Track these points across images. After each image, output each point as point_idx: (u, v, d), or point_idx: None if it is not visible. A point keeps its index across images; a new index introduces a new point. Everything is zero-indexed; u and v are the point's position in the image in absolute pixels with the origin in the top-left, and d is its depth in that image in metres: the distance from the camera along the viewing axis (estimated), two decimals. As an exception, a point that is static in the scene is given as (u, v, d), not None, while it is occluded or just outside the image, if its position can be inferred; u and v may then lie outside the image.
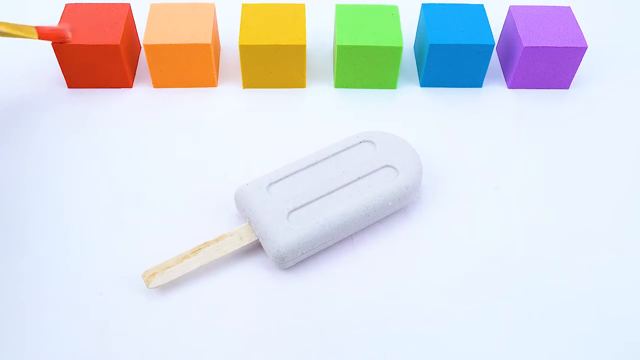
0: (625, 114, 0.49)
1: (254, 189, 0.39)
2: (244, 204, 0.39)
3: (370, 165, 0.40)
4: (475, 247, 0.41)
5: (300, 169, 0.40)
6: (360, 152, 0.41)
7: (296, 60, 0.48)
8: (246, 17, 0.48)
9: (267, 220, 0.38)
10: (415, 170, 0.41)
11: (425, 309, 0.38)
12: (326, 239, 0.38)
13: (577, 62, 0.49)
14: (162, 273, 0.37)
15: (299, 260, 0.38)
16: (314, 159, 0.41)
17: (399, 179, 0.40)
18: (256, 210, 0.38)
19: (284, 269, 0.39)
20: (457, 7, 0.50)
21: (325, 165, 0.41)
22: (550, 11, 0.50)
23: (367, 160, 0.41)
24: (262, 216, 0.38)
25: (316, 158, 0.41)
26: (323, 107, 0.49)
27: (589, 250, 0.41)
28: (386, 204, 0.39)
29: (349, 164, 0.41)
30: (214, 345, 0.36)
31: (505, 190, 0.44)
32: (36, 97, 0.48)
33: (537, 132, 0.48)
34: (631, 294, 0.39)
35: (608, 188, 0.44)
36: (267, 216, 0.38)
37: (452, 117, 0.48)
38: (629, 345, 0.37)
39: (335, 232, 0.38)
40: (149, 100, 0.49)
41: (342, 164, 0.41)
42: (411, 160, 0.41)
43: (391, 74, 0.49)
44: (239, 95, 0.49)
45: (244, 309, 0.37)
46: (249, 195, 0.39)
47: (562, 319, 0.38)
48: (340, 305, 0.38)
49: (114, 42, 0.46)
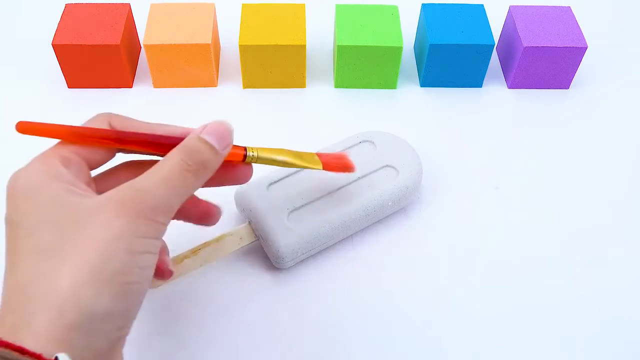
0: (625, 114, 0.49)
1: (254, 189, 0.39)
2: (244, 204, 0.39)
3: (370, 166, 0.40)
4: (475, 246, 0.41)
5: (300, 170, 0.40)
6: (361, 152, 0.41)
7: (296, 60, 0.48)
8: (246, 17, 0.48)
9: (267, 220, 0.38)
10: (415, 170, 0.41)
11: (425, 308, 0.38)
12: (326, 239, 0.38)
13: (577, 62, 0.49)
14: None
15: (299, 260, 0.38)
16: None
17: (399, 179, 0.40)
18: (256, 210, 0.38)
19: (284, 269, 0.39)
20: (457, 7, 0.50)
21: None
22: (550, 11, 0.50)
23: (367, 160, 0.41)
24: (262, 216, 0.38)
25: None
26: (323, 107, 0.49)
27: (588, 249, 0.41)
28: (386, 204, 0.39)
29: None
30: (214, 344, 0.36)
31: (505, 190, 0.44)
32: (36, 97, 0.48)
33: (537, 132, 0.48)
34: (631, 293, 0.39)
35: (608, 188, 0.44)
36: (267, 216, 0.38)
37: (452, 117, 0.48)
38: (628, 345, 0.37)
39: (335, 232, 0.38)
40: (149, 100, 0.49)
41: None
42: (411, 160, 0.41)
43: (391, 74, 0.49)
44: (239, 95, 0.49)
45: (244, 308, 0.37)
46: (249, 195, 0.39)
47: (562, 318, 0.38)
48: (339, 305, 0.38)
49: (114, 42, 0.46)
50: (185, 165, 0.27)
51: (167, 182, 0.26)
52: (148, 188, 0.26)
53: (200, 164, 0.28)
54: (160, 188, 0.26)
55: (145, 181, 0.26)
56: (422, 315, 0.37)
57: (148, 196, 0.26)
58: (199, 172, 0.28)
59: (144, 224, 0.25)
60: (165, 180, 0.26)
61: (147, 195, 0.26)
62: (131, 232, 0.25)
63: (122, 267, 0.25)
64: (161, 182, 0.26)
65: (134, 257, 0.25)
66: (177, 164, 0.27)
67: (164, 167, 0.27)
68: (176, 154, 0.27)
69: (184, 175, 0.27)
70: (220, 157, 0.29)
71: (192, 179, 0.27)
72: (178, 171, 0.27)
